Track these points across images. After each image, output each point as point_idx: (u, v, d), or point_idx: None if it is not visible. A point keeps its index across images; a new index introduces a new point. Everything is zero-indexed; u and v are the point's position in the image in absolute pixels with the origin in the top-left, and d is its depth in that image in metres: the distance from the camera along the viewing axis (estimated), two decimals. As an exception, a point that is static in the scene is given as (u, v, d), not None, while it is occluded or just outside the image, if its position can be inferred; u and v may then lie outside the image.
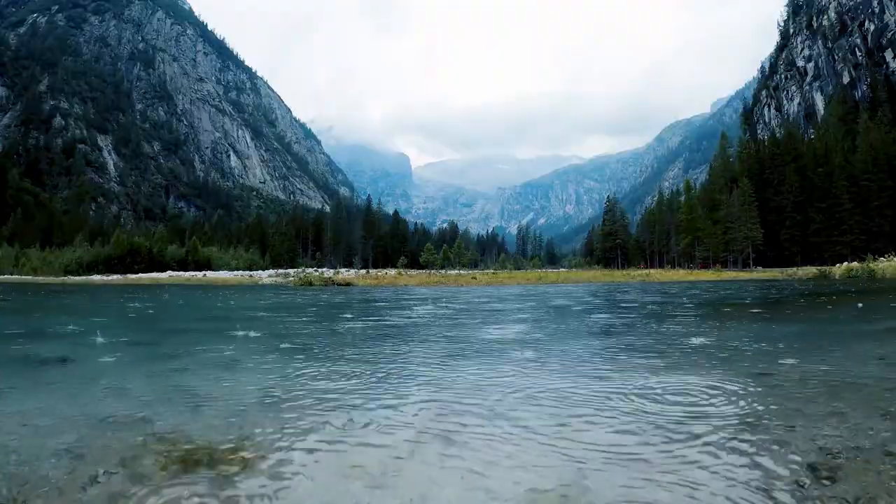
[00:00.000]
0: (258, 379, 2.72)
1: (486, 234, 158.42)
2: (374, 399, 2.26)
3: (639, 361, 3.18)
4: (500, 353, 3.63)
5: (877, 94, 73.46)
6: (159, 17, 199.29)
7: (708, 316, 6.93)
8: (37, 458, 1.50)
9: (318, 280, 23.47)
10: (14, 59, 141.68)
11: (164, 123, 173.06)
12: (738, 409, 1.98)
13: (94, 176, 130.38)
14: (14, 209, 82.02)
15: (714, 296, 11.64)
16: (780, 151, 59.74)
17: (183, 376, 2.82)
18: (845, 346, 3.72)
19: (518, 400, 2.17)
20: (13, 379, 2.86)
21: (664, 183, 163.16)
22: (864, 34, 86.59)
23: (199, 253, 62.56)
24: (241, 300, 12.29)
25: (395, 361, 3.32)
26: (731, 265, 54.21)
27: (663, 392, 2.29)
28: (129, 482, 1.32)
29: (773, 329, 5.26)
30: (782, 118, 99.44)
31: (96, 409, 2.09)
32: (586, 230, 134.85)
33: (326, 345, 4.33)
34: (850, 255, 38.52)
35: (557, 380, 2.62)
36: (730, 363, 2.98)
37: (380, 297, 12.93)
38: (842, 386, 2.36)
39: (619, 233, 77.05)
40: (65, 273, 49.63)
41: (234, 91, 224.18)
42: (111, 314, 8.47)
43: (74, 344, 4.45)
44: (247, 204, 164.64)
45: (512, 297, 12.33)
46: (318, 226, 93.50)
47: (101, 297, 14.30)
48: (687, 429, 1.72)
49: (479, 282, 25.06)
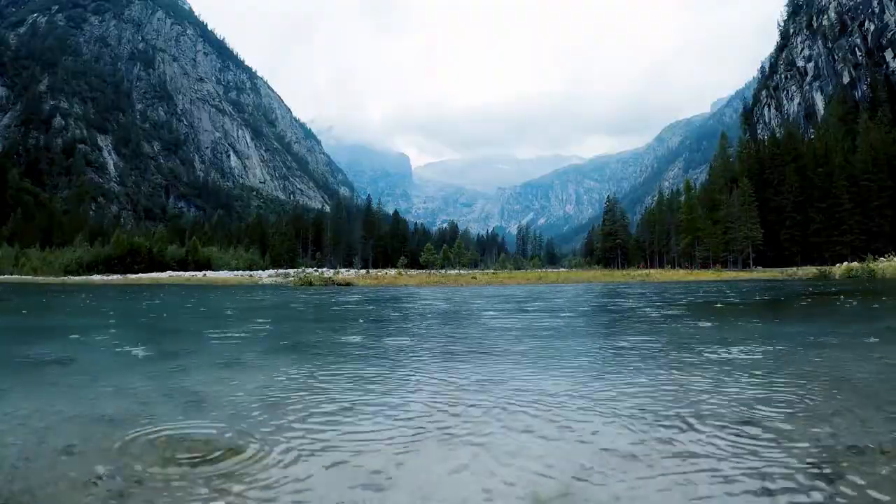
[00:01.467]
0: (258, 378, 2.72)
1: (486, 234, 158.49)
2: (374, 398, 2.26)
3: (639, 361, 3.18)
4: (500, 352, 3.63)
5: (877, 94, 73.48)
6: (159, 17, 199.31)
7: (708, 316, 6.93)
8: (36, 458, 1.50)
9: (317, 280, 23.47)
10: (14, 59, 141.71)
11: (164, 123, 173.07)
12: (738, 408, 1.98)
13: (94, 176, 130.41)
14: (14, 209, 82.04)
15: (715, 296, 11.65)
16: (780, 151, 59.75)
17: (183, 376, 2.82)
18: (845, 346, 3.72)
19: (518, 399, 2.17)
20: (13, 379, 2.86)
21: (664, 183, 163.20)
22: (864, 34, 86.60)
23: (199, 253, 62.56)
24: (240, 300, 12.29)
25: (395, 360, 3.32)
26: (731, 265, 54.21)
27: (663, 391, 2.29)
28: (129, 482, 1.32)
29: (772, 329, 5.27)
30: (782, 118, 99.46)
31: (96, 408, 2.09)
32: (586, 230, 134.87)
33: (326, 344, 4.32)
34: (850, 255, 38.53)
35: (557, 379, 2.62)
36: (730, 363, 2.98)
37: (380, 296, 12.93)
38: (842, 385, 2.36)
39: (619, 233, 77.05)
40: (65, 273, 49.63)
41: (234, 91, 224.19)
42: (123, 314, 8.47)
43: (74, 344, 4.45)
44: (247, 204, 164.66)
45: (512, 296, 12.34)
46: (318, 226, 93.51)
47: (104, 296, 14.30)
48: (686, 428, 1.73)
49: (478, 282, 25.07)
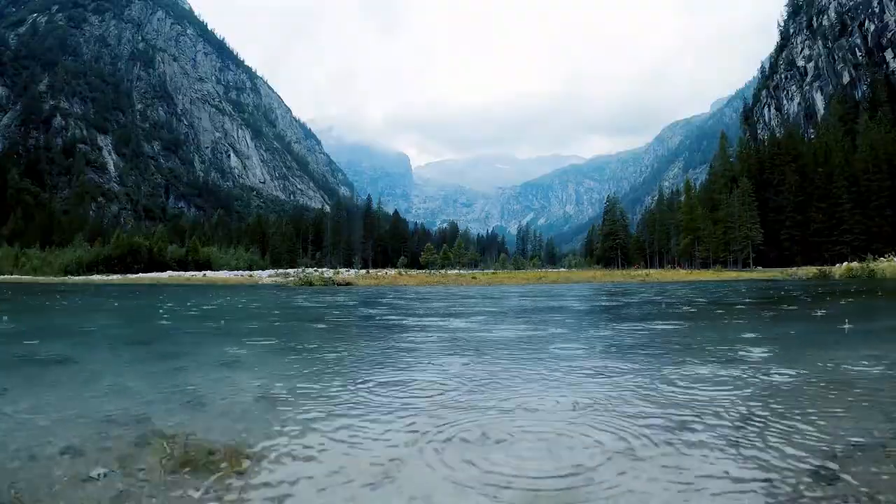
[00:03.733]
0: (258, 378, 2.71)
1: (486, 234, 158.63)
2: (375, 398, 2.25)
3: (639, 360, 3.17)
4: (501, 352, 3.62)
5: (877, 94, 73.52)
6: (159, 17, 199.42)
7: (709, 316, 6.93)
8: (36, 458, 1.50)
9: (317, 280, 23.49)
10: (14, 59, 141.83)
11: (164, 123, 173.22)
12: (738, 408, 1.98)
13: (94, 176, 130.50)
14: (14, 209, 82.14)
15: (715, 296, 11.65)
16: (780, 151, 59.81)
17: (182, 376, 2.81)
18: (845, 346, 3.71)
19: (518, 399, 2.17)
20: (13, 378, 2.86)
21: (664, 183, 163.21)
22: (864, 34, 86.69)
23: (199, 253, 62.61)
24: (240, 300, 12.29)
25: (395, 360, 3.31)
26: (731, 265, 54.26)
27: (663, 390, 2.29)
28: (129, 482, 1.32)
29: (772, 329, 5.26)
30: (782, 118, 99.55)
31: (96, 408, 2.08)
32: (586, 230, 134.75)
33: (326, 344, 4.32)
34: (851, 254, 38.58)
35: (557, 379, 2.61)
36: (730, 363, 2.98)
37: (380, 296, 12.93)
38: (842, 385, 2.36)
39: (619, 233, 77.10)
40: (65, 273, 49.68)
41: (234, 91, 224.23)
42: (123, 314, 8.46)
43: (74, 343, 4.45)
44: (247, 204, 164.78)
45: (512, 296, 12.33)
46: (318, 226, 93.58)
47: (105, 296, 14.30)
48: (688, 427, 1.73)
49: (478, 281, 25.08)
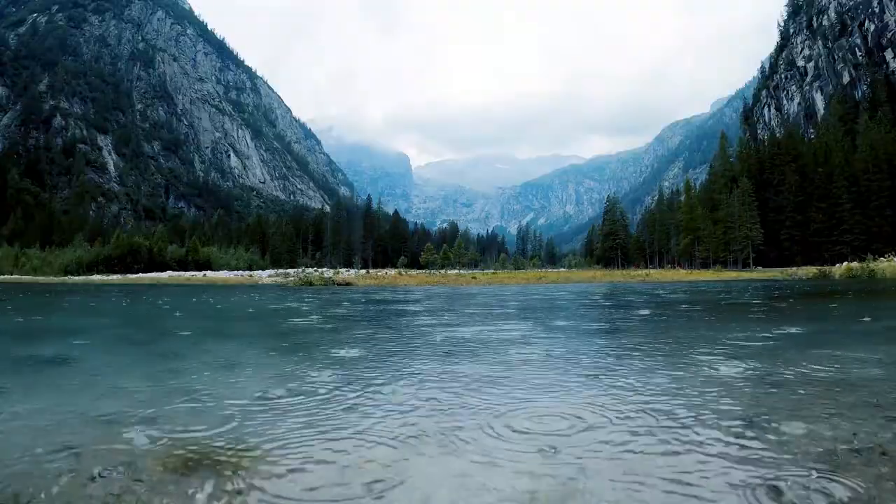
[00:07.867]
0: (258, 379, 2.71)
1: (486, 234, 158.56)
2: (375, 398, 2.25)
3: (638, 360, 3.18)
4: (501, 352, 3.62)
5: (877, 94, 73.48)
6: (159, 17, 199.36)
7: (709, 316, 6.92)
8: (36, 458, 1.50)
9: (317, 280, 23.49)
10: (14, 59, 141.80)
11: (164, 123, 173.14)
12: (738, 408, 1.98)
13: (94, 176, 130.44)
14: (14, 209, 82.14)
15: (715, 296, 11.65)
16: (780, 151, 59.78)
17: (182, 376, 2.81)
18: (845, 346, 3.71)
19: (519, 399, 2.17)
20: (13, 378, 2.86)
21: (664, 183, 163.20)
22: (864, 34, 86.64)
23: (199, 253, 62.60)
24: (240, 300, 12.29)
25: (395, 360, 3.31)
26: (731, 265, 54.24)
27: (663, 391, 2.29)
28: (129, 482, 1.32)
29: (772, 328, 5.26)
30: (782, 118, 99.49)
31: (96, 408, 2.08)
32: (586, 230, 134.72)
33: (326, 344, 4.32)
34: (851, 254, 38.56)
35: (557, 379, 2.61)
36: (729, 362, 2.98)
37: (380, 296, 12.94)
38: (842, 385, 2.36)
39: (619, 233, 77.08)
40: (65, 273, 49.68)
41: (234, 91, 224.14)
42: (122, 314, 8.47)
43: (74, 344, 4.45)
44: (247, 204, 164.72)
45: (512, 295, 12.34)
46: (318, 226, 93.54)
47: (104, 296, 14.30)
48: (687, 428, 1.73)
49: (479, 281, 25.07)
